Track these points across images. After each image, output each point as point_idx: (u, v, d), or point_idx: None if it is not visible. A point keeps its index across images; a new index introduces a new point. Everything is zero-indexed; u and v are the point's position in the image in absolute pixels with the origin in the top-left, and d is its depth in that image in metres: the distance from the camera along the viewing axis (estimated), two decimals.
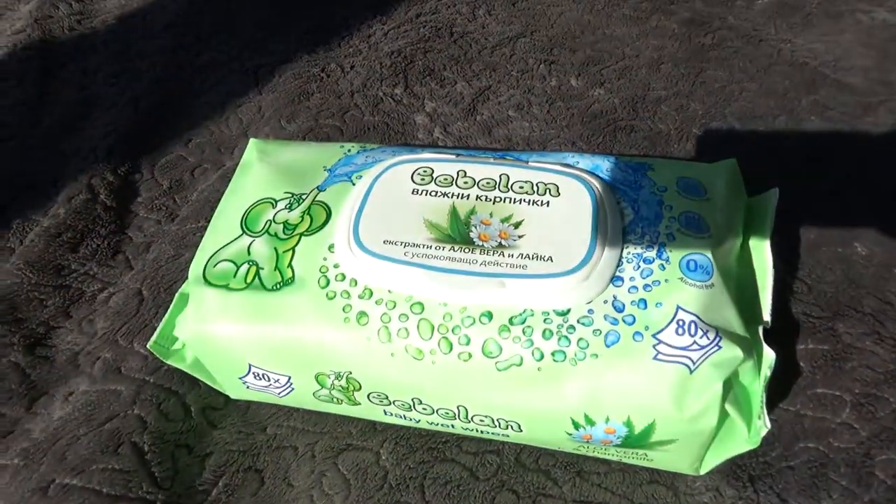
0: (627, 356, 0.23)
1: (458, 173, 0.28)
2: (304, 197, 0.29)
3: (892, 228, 0.34)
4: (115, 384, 0.30)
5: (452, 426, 0.27)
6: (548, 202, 0.27)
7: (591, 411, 0.24)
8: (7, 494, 0.27)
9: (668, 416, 0.23)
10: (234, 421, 0.30)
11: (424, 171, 0.28)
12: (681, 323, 0.24)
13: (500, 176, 0.28)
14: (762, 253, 0.28)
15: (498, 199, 0.27)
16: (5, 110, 0.45)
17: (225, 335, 0.26)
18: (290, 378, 0.27)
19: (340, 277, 0.26)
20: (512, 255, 0.25)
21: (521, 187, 0.27)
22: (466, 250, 0.26)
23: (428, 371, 0.25)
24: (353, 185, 0.29)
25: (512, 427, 0.26)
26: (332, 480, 0.28)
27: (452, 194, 0.27)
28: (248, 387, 0.28)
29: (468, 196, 0.27)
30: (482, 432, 0.27)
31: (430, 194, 0.28)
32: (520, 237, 0.26)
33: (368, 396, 0.26)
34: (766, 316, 0.27)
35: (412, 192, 0.28)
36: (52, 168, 0.41)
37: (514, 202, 0.27)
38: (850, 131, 0.39)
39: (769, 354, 0.25)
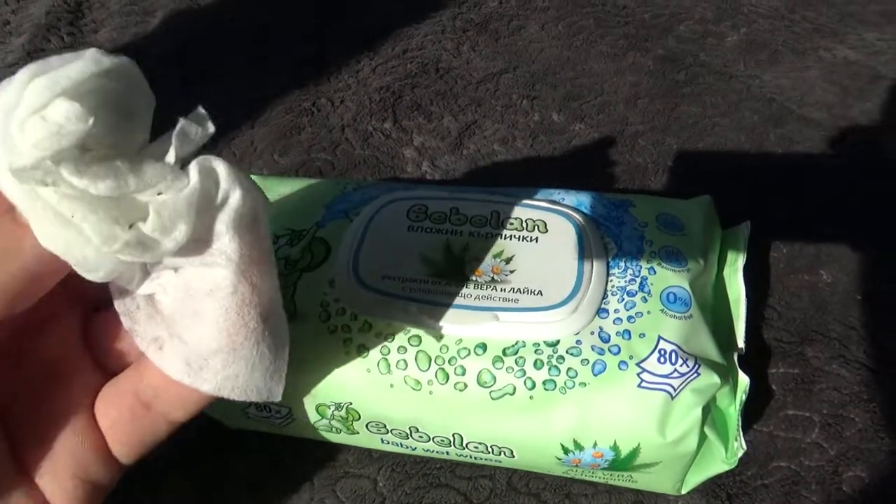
0: (613, 384, 0.25)
1: (451, 210, 0.30)
2: (304, 233, 0.30)
3: (854, 257, 0.36)
4: None
5: (447, 453, 0.28)
6: (536, 238, 0.29)
7: (580, 437, 0.25)
8: None
9: (652, 440, 0.25)
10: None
11: (419, 209, 0.30)
12: (662, 352, 0.25)
13: (490, 213, 0.30)
14: (736, 283, 0.30)
15: (490, 236, 0.29)
16: None
17: None
18: (290, 409, 0.28)
19: (341, 312, 0.27)
20: (504, 290, 0.27)
21: (511, 224, 0.29)
22: (461, 285, 0.27)
23: (425, 401, 0.26)
24: (351, 221, 0.30)
25: (504, 453, 0.27)
26: None
27: (446, 230, 0.29)
28: (248, 416, 0.29)
29: (461, 232, 0.29)
30: (476, 458, 0.28)
31: (426, 231, 0.29)
32: (511, 272, 0.27)
33: (367, 426, 0.28)
34: (741, 343, 0.28)
35: (408, 229, 0.29)
36: None
37: (505, 238, 0.29)
38: (816, 165, 0.42)
39: (744, 379, 0.27)
